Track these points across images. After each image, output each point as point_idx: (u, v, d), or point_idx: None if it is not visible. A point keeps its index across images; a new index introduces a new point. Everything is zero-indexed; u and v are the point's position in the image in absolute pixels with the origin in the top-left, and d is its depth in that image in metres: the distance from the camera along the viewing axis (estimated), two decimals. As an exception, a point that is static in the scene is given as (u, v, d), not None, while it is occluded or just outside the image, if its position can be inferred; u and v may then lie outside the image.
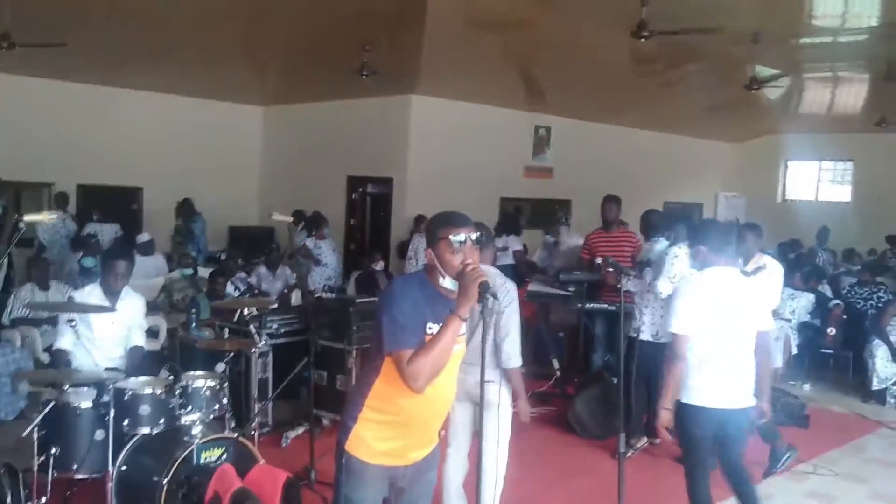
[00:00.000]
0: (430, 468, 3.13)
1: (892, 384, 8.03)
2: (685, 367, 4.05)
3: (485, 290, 2.69)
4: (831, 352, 9.01)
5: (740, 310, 4.08)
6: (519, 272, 9.26)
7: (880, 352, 8.04)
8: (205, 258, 10.95)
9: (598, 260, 7.07)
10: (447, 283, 2.81)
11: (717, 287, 4.09)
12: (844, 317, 9.00)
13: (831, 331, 8.84)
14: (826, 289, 9.86)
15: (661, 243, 6.20)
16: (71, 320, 4.73)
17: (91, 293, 5.04)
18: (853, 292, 9.53)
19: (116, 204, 12.54)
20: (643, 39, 7.76)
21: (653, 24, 7.64)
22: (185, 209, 11.91)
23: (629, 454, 5.77)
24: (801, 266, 10.02)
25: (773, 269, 6.52)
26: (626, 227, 8.03)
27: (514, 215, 12.65)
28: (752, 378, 4.13)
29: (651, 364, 6.24)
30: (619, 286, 5.65)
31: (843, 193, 17.95)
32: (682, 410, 4.13)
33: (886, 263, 12.21)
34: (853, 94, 13.85)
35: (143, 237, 10.02)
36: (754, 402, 4.17)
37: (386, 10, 9.00)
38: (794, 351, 8.78)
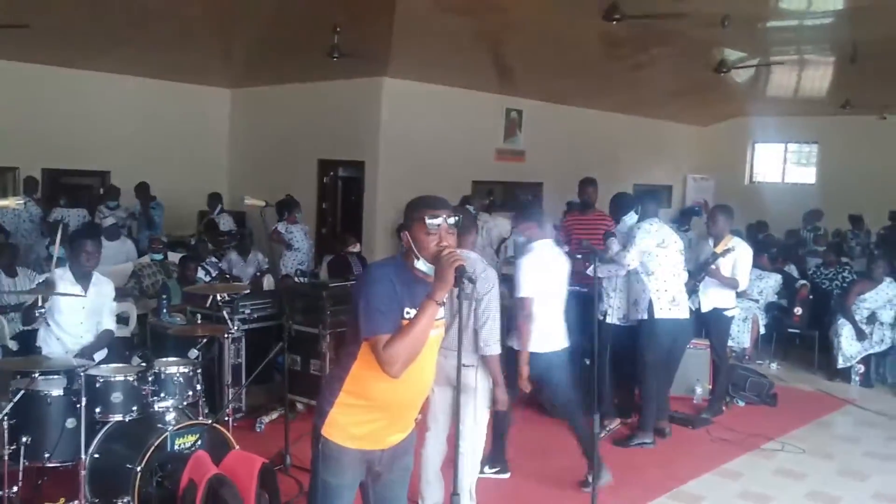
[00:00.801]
0: (407, 452, 3.14)
1: (856, 362, 8.20)
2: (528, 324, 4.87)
3: (461, 274, 2.68)
4: (798, 331, 9.17)
5: (559, 274, 5.13)
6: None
7: (845, 331, 8.20)
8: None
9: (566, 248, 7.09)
10: (422, 265, 2.79)
11: (547, 257, 5.07)
12: (810, 297, 9.16)
13: (798, 310, 8.99)
14: (792, 269, 10.02)
15: (631, 217, 6.28)
16: (41, 307, 4.66)
17: (62, 278, 4.97)
18: (818, 273, 9.70)
19: (83, 188, 12.33)
20: (614, 22, 7.77)
21: (623, 7, 7.66)
22: (142, 193, 11.60)
23: (602, 435, 5.86)
24: (769, 247, 10.17)
25: (742, 251, 6.63)
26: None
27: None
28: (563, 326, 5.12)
29: (619, 346, 6.33)
30: (586, 272, 5.72)
31: (808, 175, 18.19)
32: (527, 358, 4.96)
33: (848, 242, 12.43)
34: (819, 77, 14.00)
35: (108, 221, 9.87)
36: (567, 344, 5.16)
37: (356, -9, 8.93)
38: (762, 331, 8.93)
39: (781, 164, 18.73)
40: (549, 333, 5.02)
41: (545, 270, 5.01)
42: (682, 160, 18.52)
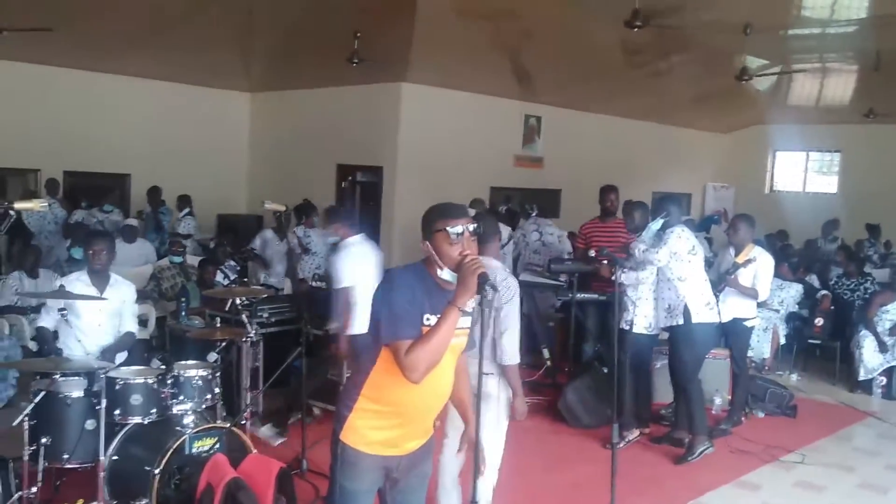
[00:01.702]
0: (426, 459, 3.12)
1: (878, 374, 8.10)
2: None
3: (484, 281, 2.67)
4: (819, 342, 9.08)
5: (375, 266, 5.73)
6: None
7: (867, 342, 8.11)
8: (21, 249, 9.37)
9: (592, 252, 7.05)
10: (445, 274, 2.79)
11: (359, 252, 5.72)
12: (832, 307, 9.07)
13: (819, 321, 8.90)
14: (814, 279, 9.92)
15: (656, 222, 6.09)
16: (62, 309, 4.69)
17: (78, 280, 4.99)
18: (840, 283, 9.60)
19: (104, 191, 12.42)
20: (636, 30, 7.75)
21: (646, 14, 7.63)
22: (154, 197, 11.53)
23: (621, 445, 5.81)
24: (789, 256, 10.08)
25: (764, 261, 6.57)
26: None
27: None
28: None
29: (643, 356, 6.29)
30: (613, 278, 5.67)
31: (829, 184, 18.03)
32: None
33: (866, 252, 12.30)
34: (842, 85, 13.91)
35: (129, 222, 9.92)
36: None
37: (377, -2, 8.96)
38: (783, 341, 8.84)
39: (803, 173, 18.57)
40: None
41: (360, 264, 5.68)
42: (701, 168, 18.41)
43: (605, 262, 6.15)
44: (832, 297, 9.22)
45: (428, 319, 2.77)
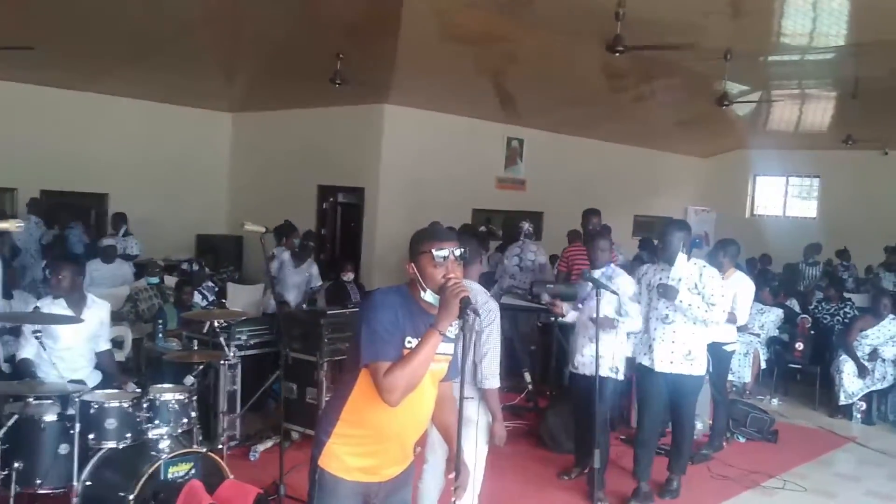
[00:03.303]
0: (405, 485, 3.08)
1: (858, 399, 8.13)
2: None
3: (466, 305, 2.65)
4: (799, 366, 9.10)
5: None
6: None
7: (847, 367, 8.13)
8: None
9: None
10: (428, 296, 2.77)
11: None
12: (812, 332, 9.10)
13: (799, 345, 8.93)
14: (794, 304, 9.97)
15: (681, 258, 5.35)
16: (37, 331, 4.61)
17: (55, 303, 4.92)
18: (820, 308, 9.66)
19: (81, 210, 12.31)
20: (617, 54, 7.80)
21: (627, 39, 7.69)
22: (61, 216, 10.98)
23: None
24: (769, 281, 10.12)
25: (744, 286, 6.58)
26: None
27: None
28: None
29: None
30: (561, 318, 5.64)
31: (809, 209, 18.22)
32: None
33: (839, 275, 12.39)
34: (820, 111, 14.08)
35: (105, 241, 9.81)
36: None
37: (360, 19, 8.97)
38: (763, 366, 8.86)
39: (783, 198, 18.76)
40: None
41: None
42: (683, 191, 18.55)
43: (555, 301, 5.76)
44: (812, 321, 9.26)
45: (409, 342, 2.75)
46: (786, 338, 9.20)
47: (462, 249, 2.83)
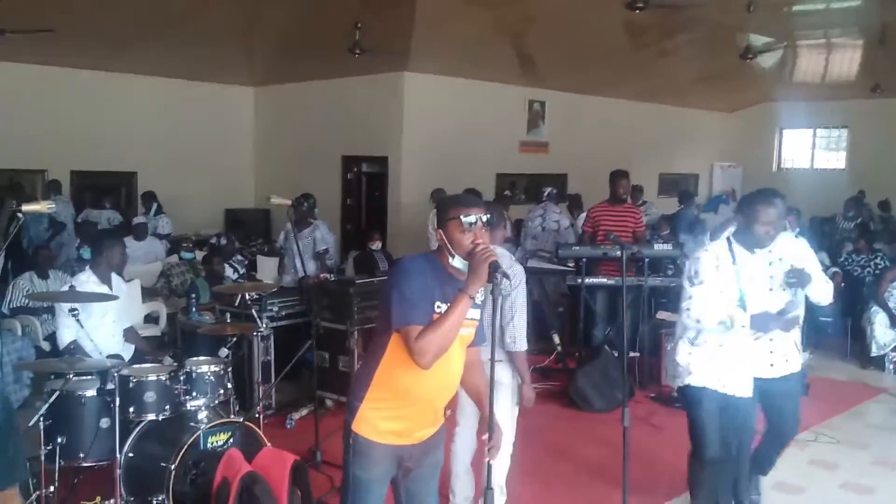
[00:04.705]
0: (437, 447, 3.14)
1: (890, 350, 8.08)
2: None
3: (495, 269, 2.70)
4: (830, 320, 9.03)
5: None
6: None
7: (878, 318, 8.08)
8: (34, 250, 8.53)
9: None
10: (457, 262, 2.82)
11: None
12: (843, 284, 9.02)
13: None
14: (824, 257, 9.87)
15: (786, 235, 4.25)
16: (73, 309, 4.72)
17: (87, 281, 5.03)
18: (850, 260, 9.56)
19: (111, 189, 12.48)
20: (637, 11, 7.71)
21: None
22: (18, 194, 10.76)
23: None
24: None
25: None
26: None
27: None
28: None
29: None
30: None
31: (838, 160, 17.94)
32: None
33: (872, 228, 12.21)
34: (847, 60, 13.80)
35: (137, 220, 9.97)
36: None
37: (377, -13, 8.94)
38: (796, 321, 8.79)
39: (810, 150, 18.47)
40: None
41: None
42: (708, 148, 18.35)
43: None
44: (843, 274, 9.17)
45: (439, 307, 2.80)
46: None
47: (489, 215, 2.87)
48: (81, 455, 4.23)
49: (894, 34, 10.35)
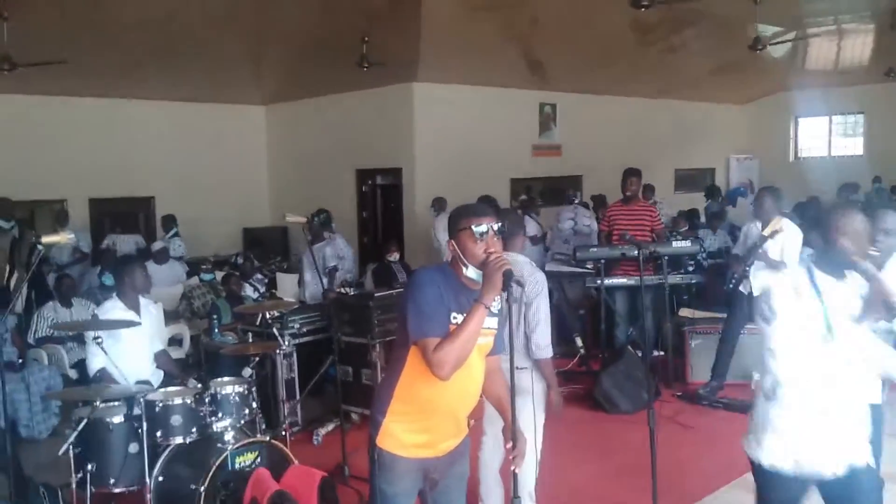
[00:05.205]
0: (463, 457, 3.14)
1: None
2: None
3: (509, 278, 2.69)
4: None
5: None
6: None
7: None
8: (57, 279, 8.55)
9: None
10: (471, 272, 2.81)
11: None
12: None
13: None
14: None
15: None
16: (97, 337, 4.76)
17: (113, 308, 5.07)
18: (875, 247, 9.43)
19: (129, 215, 12.60)
20: (643, 9, 7.69)
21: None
22: (166, 224, 11.14)
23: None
24: (819, 225, 9.90)
25: (791, 232, 6.48)
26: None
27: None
28: None
29: None
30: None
31: (855, 146, 17.76)
32: None
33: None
34: (859, 45, 13.69)
35: (157, 245, 10.06)
36: None
37: (382, 0, 8.97)
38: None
39: (827, 137, 18.31)
40: None
41: None
42: (723, 141, 18.23)
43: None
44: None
45: (455, 318, 2.80)
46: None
47: (500, 223, 2.87)
48: (112, 481, 4.26)
49: (905, 17, 10.28)
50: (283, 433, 5.28)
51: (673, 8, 8.81)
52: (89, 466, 4.19)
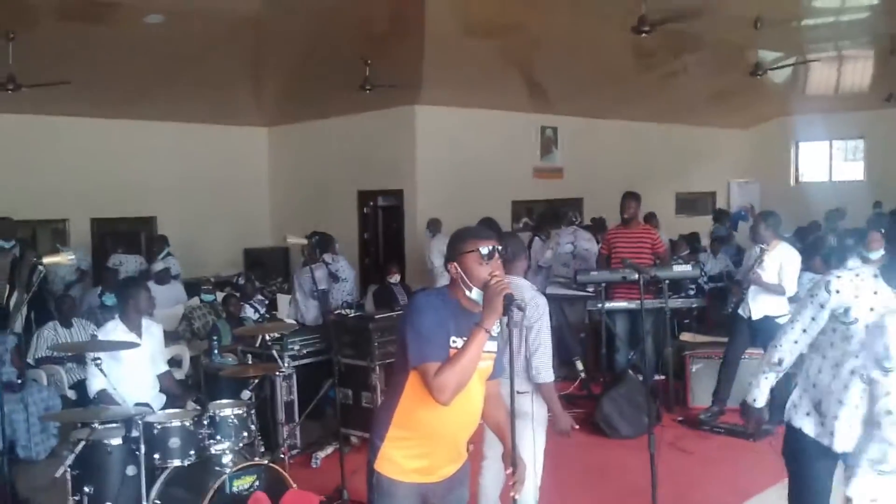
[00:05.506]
0: (461, 483, 3.12)
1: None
2: None
3: (510, 302, 2.69)
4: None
5: None
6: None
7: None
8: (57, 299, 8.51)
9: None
10: (475, 294, 2.81)
11: None
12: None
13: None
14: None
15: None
16: (96, 358, 4.74)
17: (115, 329, 5.06)
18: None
19: (131, 235, 12.61)
20: (643, 34, 7.74)
21: (652, 18, 7.63)
22: (157, 245, 10.89)
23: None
24: (819, 249, 9.91)
25: (789, 257, 6.48)
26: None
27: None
28: None
29: None
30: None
31: (856, 171, 17.80)
32: None
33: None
34: (859, 71, 13.76)
35: (159, 265, 10.05)
36: None
37: (384, 23, 9.04)
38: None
39: (828, 162, 18.35)
40: None
41: None
42: (724, 165, 18.28)
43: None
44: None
45: (454, 342, 2.80)
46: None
47: (502, 247, 2.88)
48: (109, 504, 4.23)
49: (905, 43, 10.35)
50: (282, 456, 5.25)
51: (674, 33, 8.87)
52: (87, 489, 4.16)
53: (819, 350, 3.24)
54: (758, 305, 6.48)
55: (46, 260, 3.92)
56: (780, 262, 6.36)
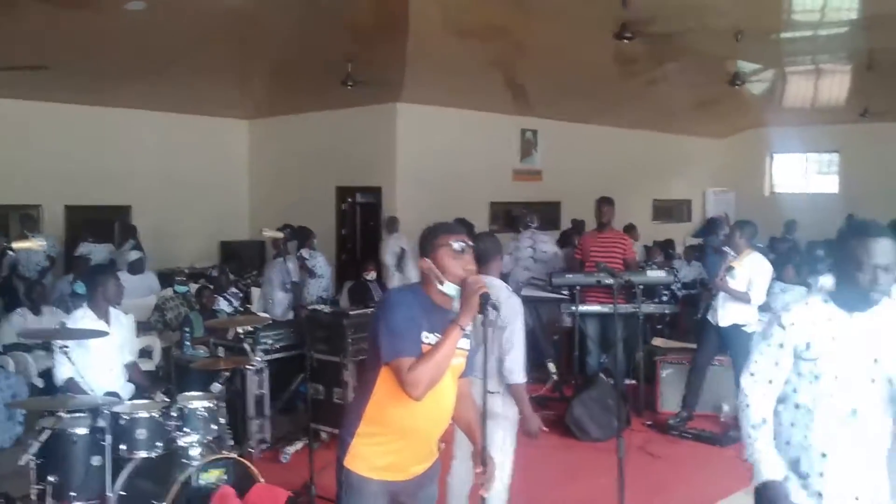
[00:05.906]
0: (432, 481, 3.12)
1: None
2: None
3: (486, 301, 2.71)
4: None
5: None
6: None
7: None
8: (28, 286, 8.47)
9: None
10: (447, 288, 2.82)
11: None
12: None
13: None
14: (816, 281, 9.84)
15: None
16: (63, 346, 4.69)
17: (83, 317, 5.01)
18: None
19: (105, 224, 12.45)
20: (626, 41, 7.79)
21: (634, 25, 7.68)
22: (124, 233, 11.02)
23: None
24: (791, 259, 10.01)
25: (760, 266, 6.57)
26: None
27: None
28: None
29: None
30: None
31: (831, 184, 18.03)
32: None
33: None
34: (836, 85, 13.94)
35: (133, 255, 9.95)
36: None
37: (368, 21, 9.02)
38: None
39: (802, 174, 18.57)
40: None
41: None
42: (700, 174, 18.44)
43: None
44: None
45: (427, 338, 2.80)
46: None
47: (472, 243, 2.91)
48: (73, 494, 4.18)
49: (881, 59, 10.48)
50: (251, 450, 5.23)
51: (655, 41, 8.94)
52: (51, 478, 4.11)
53: (786, 401, 2.82)
54: (726, 313, 6.55)
55: (17, 245, 3.88)
56: (750, 270, 6.44)
